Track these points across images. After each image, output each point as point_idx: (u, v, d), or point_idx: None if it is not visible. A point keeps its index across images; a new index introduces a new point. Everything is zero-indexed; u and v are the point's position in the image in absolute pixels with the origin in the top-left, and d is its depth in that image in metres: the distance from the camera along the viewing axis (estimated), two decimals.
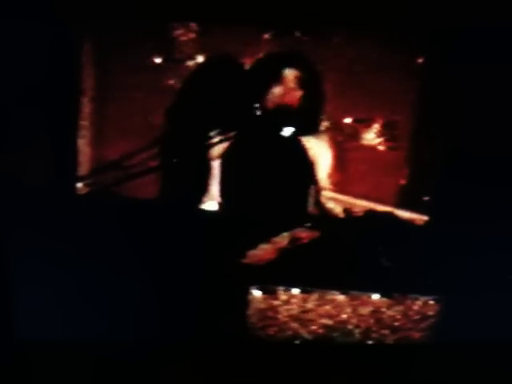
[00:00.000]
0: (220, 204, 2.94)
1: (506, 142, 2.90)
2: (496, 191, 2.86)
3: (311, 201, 2.95)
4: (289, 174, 2.94)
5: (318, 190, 2.96)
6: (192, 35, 2.94)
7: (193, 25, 2.92)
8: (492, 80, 2.86)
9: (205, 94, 2.95)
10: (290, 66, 2.89)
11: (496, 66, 2.85)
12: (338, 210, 2.95)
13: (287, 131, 2.91)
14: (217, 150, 2.95)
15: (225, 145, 2.94)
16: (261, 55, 2.95)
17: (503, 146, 2.91)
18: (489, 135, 2.89)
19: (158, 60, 2.93)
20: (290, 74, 2.89)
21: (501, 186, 2.87)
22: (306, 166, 2.96)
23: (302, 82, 2.90)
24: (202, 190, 2.95)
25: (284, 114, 2.88)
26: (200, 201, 2.95)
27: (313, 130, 2.96)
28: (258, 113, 2.91)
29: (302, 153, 2.96)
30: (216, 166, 2.95)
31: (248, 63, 2.95)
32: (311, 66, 2.91)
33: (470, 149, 2.89)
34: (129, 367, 2.70)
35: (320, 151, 2.97)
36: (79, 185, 2.90)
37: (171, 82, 2.96)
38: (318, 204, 2.97)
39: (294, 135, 2.93)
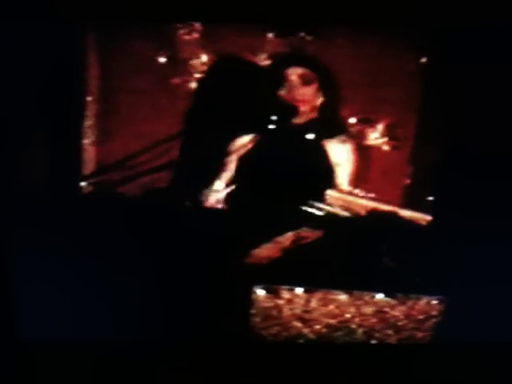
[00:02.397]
0: (227, 202, 2.94)
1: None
2: (501, 191, 2.86)
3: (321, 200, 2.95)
4: (302, 174, 2.93)
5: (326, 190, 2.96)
6: (196, 35, 2.94)
7: (196, 24, 2.93)
8: (495, 80, 2.85)
9: (213, 93, 2.95)
10: (292, 65, 2.90)
11: (499, 66, 2.84)
12: (340, 209, 2.95)
13: (300, 131, 2.92)
14: (227, 149, 2.95)
15: (238, 144, 2.94)
16: (265, 55, 2.95)
17: (508, 146, 2.90)
18: (493, 135, 2.88)
19: (161, 59, 2.93)
20: (291, 72, 2.89)
21: (506, 187, 2.87)
22: (321, 167, 2.96)
23: (308, 78, 2.90)
24: (208, 188, 2.95)
25: (295, 114, 2.88)
26: (206, 199, 2.95)
27: (332, 132, 2.96)
28: (270, 113, 2.92)
29: (319, 153, 2.95)
30: (226, 164, 2.95)
31: (253, 62, 2.95)
32: (316, 63, 2.90)
33: (474, 148, 2.88)
34: (130, 367, 2.71)
35: (340, 153, 2.97)
36: (83, 184, 2.90)
37: (176, 81, 2.96)
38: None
39: (312, 135, 2.93)
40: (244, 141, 2.94)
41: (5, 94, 2.70)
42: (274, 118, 2.91)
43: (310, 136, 2.94)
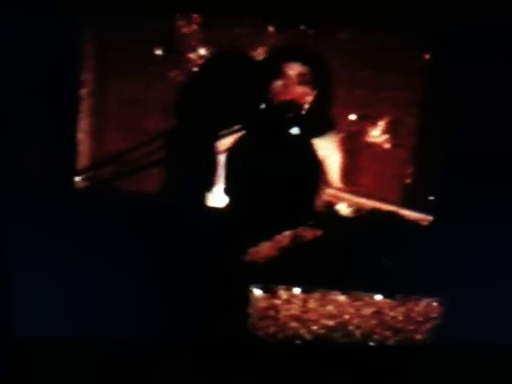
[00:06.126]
0: (224, 200, 2.90)
1: None
2: (502, 191, 2.83)
3: (316, 199, 2.92)
4: (294, 171, 2.90)
5: (323, 189, 2.93)
6: (194, 27, 2.89)
7: (195, 16, 2.88)
8: (498, 79, 2.84)
9: (209, 87, 2.91)
10: (292, 60, 2.84)
11: (502, 65, 2.83)
12: (341, 208, 2.92)
13: (293, 128, 2.86)
14: (222, 145, 2.91)
15: (231, 139, 2.89)
16: (264, 48, 2.90)
17: (510, 145, 2.87)
18: (495, 134, 2.87)
19: (159, 52, 2.89)
20: (291, 68, 2.83)
21: (507, 186, 2.84)
22: (313, 164, 2.92)
23: (306, 78, 2.85)
24: (205, 185, 2.91)
25: (288, 109, 2.83)
26: (202, 196, 2.91)
27: (321, 129, 2.91)
28: (263, 108, 2.86)
29: (309, 150, 2.92)
30: (221, 161, 2.91)
31: (251, 56, 2.91)
32: (316, 61, 2.85)
33: (475, 148, 2.87)
34: (129, 366, 2.67)
35: (328, 150, 2.93)
36: (77, 179, 2.86)
37: (172, 74, 2.92)
38: (322, 202, 2.94)
39: (301, 132, 2.88)
40: (239, 137, 2.90)
41: None
42: (269, 112, 2.86)
43: (304, 132, 2.90)
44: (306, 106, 2.88)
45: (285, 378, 2.70)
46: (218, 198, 2.92)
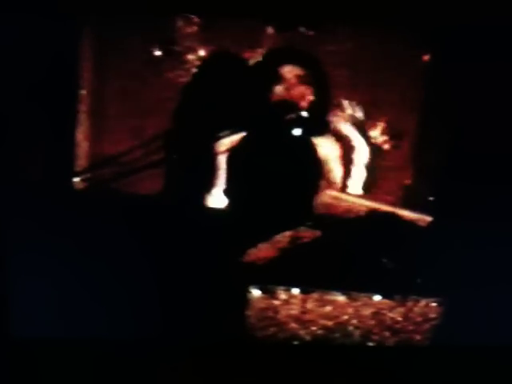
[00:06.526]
0: (223, 201, 2.90)
1: None
2: (502, 191, 2.83)
3: (315, 200, 2.92)
4: (294, 172, 2.90)
5: (322, 189, 2.93)
6: (193, 28, 2.89)
7: (194, 18, 2.88)
8: (498, 79, 2.83)
9: (208, 88, 2.91)
10: (290, 62, 2.85)
11: (502, 65, 2.82)
12: (340, 209, 2.91)
13: (293, 128, 2.87)
14: (222, 146, 2.91)
15: (230, 140, 2.89)
16: (263, 50, 2.90)
17: (510, 145, 2.87)
18: (495, 134, 2.86)
19: (158, 53, 2.89)
20: (288, 71, 2.85)
21: (507, 186, 2.83)
22: (312, 164, 2.92)
23: (304, 79, 2.86)
24: (204, 186, 2.91)
25: (288, 110, 2.84)
26: (201, 197, 2.91)
27: (320, 129, 2.92)
28: (264, 110, 2.87)
29: (308, 151, 2.92)
30: (220, 162, 2.91)
31: (250, 58, 2.90)
32: (314, 62, 2.86)
33: (475, 148, 2.86)
34: (128, 366, 2.67)
35: (327, 150, 2.93)
36: (76, 180, 2.85)
37: (172, 74, 2.92)
38: (321, 203, 2.94)
39: (301, 132, 2.88)
40: (238, 138, 2.90)
41: None
42: (271, 115, 2.86)
43: (303, 133, 2.90)
44: (306, 107, 2.89)
45: (284, 379, 2.70)
46: (217, 198, 2.92)
